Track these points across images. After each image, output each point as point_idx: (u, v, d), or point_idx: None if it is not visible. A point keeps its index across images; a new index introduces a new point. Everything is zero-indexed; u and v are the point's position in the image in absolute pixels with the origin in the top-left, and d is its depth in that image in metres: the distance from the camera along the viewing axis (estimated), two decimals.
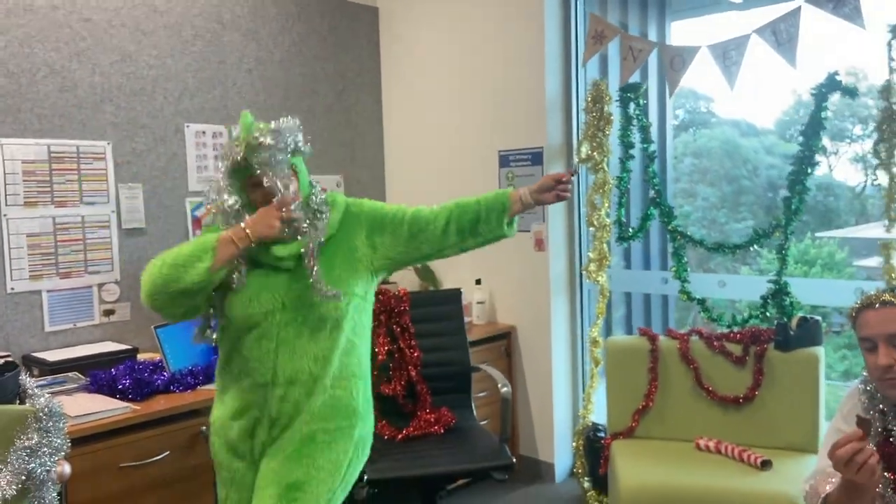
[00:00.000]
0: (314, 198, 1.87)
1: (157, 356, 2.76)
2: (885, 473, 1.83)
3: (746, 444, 2.71)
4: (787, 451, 2.68)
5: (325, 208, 1.87)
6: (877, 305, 1.74)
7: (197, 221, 3.30)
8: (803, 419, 2.72)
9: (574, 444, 3.44)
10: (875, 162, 2.63)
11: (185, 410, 2.46)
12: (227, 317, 1.83)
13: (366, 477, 2.46)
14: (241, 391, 1.84)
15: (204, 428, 2.46)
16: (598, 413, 3.37)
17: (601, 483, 3.20)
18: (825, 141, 2.77)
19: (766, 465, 2.57)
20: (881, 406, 1.82)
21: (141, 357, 2.82)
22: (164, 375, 2.58)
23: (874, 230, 2.72)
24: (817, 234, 8.11)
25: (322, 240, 1.82)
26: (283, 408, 1.81)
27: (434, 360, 3.00)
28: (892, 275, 2.63)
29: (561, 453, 3.59)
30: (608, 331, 3.59)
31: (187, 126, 3.30)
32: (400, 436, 2.79)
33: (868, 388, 1.82)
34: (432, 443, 2.75)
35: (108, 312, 3.03)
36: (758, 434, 2.76)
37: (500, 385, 2.84)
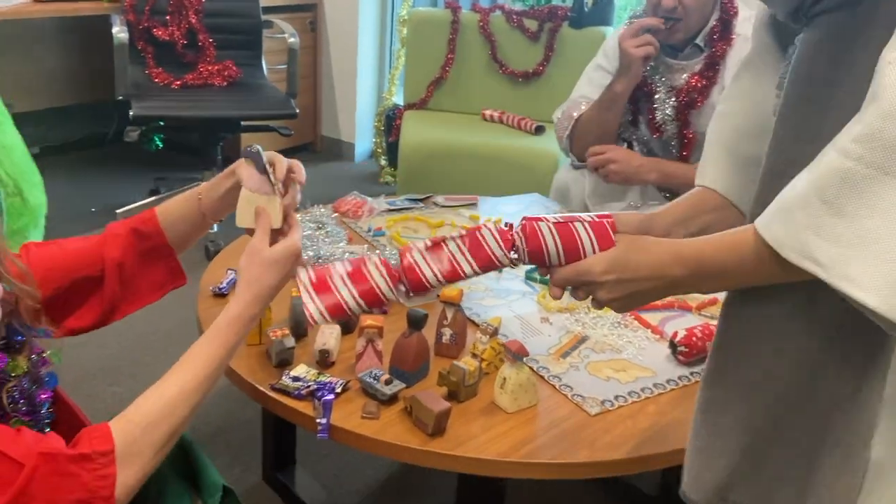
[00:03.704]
0: None
1: None
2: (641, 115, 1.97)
3: (528, 115, 2.83)
4: None
5: None
6: None
7: None
8: None
9: (375, 123, 3.45)
10: None
11: None
12: None
13: (132, 113, 2.31)
14: None
15: None
16: (401, 96, 3.34)
17: (396, 160, 3.28)
18: None
19: (539, 130, 2.72)
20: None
21: None
22: None
23: None
24: None
25: None
26: None
27: (218, 9, 2.74)
28: None
29: (362, 134, 3.61)
30: None
31: None
32: (177, 83, 2.60)
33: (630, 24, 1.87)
34: (213, 92, 2.60)
35: None
36: (540, 107, 2.87)
37: (287, 36, 2.68)
